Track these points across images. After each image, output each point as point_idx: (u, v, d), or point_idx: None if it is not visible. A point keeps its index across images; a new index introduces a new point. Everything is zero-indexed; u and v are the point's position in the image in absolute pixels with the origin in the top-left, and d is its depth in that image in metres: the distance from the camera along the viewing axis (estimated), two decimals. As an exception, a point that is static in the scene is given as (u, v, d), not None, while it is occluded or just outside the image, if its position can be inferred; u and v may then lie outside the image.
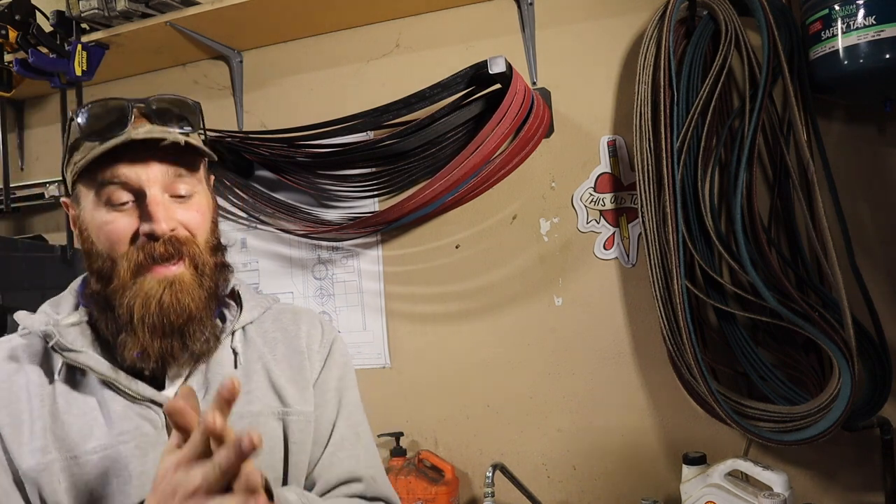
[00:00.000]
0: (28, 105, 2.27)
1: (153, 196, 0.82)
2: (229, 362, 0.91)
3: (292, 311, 1.02)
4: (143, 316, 0.80)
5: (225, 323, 0.93)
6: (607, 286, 1.69)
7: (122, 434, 0.81)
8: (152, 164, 0.83)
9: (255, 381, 0.91)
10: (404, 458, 1.76)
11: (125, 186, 0.82)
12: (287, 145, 1.75)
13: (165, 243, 0.82)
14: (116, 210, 0.83)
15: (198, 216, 0.87)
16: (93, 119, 0.84)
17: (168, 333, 0.82)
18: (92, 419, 0.82)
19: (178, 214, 0.84)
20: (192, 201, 0.87)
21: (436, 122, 1.59)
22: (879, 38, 1.30)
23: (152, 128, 0.84)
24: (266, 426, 0.88)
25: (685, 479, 1.48)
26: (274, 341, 0.97)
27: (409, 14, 1.86)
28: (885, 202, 1.49)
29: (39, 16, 1.81)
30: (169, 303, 0.81)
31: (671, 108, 1.47)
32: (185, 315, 0.82)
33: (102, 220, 0.83)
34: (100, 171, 0.82)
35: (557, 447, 1.72)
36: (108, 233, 0.83)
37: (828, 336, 1.34)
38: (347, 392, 1.01)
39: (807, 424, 1.36)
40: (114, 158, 0.81)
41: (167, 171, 0.84)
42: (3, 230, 2.26)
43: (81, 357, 0.82)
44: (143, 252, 0.81)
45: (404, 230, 1.85)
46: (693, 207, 1.48)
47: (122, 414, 0.82)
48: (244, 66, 2.02)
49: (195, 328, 0.84)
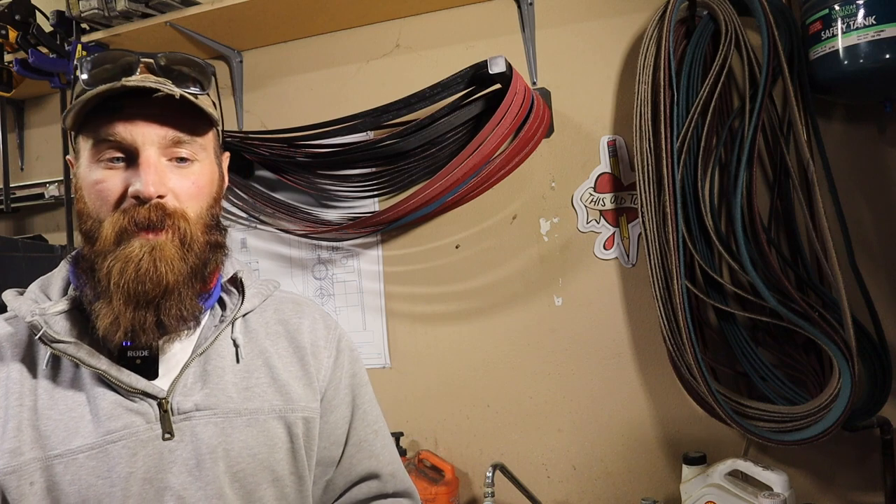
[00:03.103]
0: (28, 105, 2.27)
1: (146, 157, 0.78)
2: (230, 355, 0.87)
3: (293, 301, 0.99)
4: (118, 281, 0.76)
5: (225, 311, 0.89)
6: (607, 286, 1.69)
7: (111, 433, 0.77)
8: (150, 123, 0.78)
9: (256, 376, 0.88)
10: (404, 458, 1.76)
11: (119, 145, 0.78)
12: (287, 145, 1.75)
13: (150, 209, 0.77)
14: (109, 168, 0.79)
15: (193, 187, 0.82)
16: (96, 66, 0.79)
17: (142, 304, 0.77)
18: (78, 416, 0.78)
19: (170, 181, 0.79)
20: (191, 169, 0.82)
21: (436, 122, 1.59)
22: (879, 38, 1.30)
23: (147, 76, 0.79)
24: (266, 424, 0.85)
25: (685, 479, 1.48)
26: (276, 335, 0.93)
27: (409, 14, 1.86)
28: (885, 202, 1.49)
29: (39, 16, 1.82)
30: (146, 269, 0.76)
31: (671, 108, 1.47)
32: (162, 286, 0.77)
33: (94, 179, 0.79)
34: (98, 127, 0.78)
35: (557, 447, 1.72)
36: (97, 192, 0.79)
37: (828, 336, 1.34)
38: (361, 389, 1.00)
39: (807, 424, 1.36)
40: (111, 113, 0.77)
41: (166, 132, 0.79)
42: (3, 230, 2.26)
43: (70, 349, 0.78)
44: (128, 216, 0.77)
45: (404, 230, 1.85)
46: (693, 207, 1.48)
47: (111, 410, 0.78)
48: (244, 66, 2.02)
49: (171, 303, 0.78)
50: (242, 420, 0.84)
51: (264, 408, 0.86)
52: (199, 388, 0.83)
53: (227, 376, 0.86)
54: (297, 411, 0.89)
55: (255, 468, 0.84)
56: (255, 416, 0.85)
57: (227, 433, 0.82)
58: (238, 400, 0.85)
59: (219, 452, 0.81)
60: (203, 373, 0.84)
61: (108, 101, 0.78)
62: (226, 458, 0.82)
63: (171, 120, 0.80)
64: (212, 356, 0.86)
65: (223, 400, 0.84)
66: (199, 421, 0.81)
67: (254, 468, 0.84)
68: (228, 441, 0.82)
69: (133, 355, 0.81)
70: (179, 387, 0.82)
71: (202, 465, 0.80)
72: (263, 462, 0.85)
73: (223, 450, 0.82)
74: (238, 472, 0.82)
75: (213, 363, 0.85)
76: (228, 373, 0.86)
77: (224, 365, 0.86)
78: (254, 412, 0.85)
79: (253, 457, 0.84)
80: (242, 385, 0.86)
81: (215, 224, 0.86)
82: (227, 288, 0.92)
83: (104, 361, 0.79)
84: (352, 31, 1.92)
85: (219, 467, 0.81)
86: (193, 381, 0.83)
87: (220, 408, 0.83)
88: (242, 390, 0.86)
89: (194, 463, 0.80)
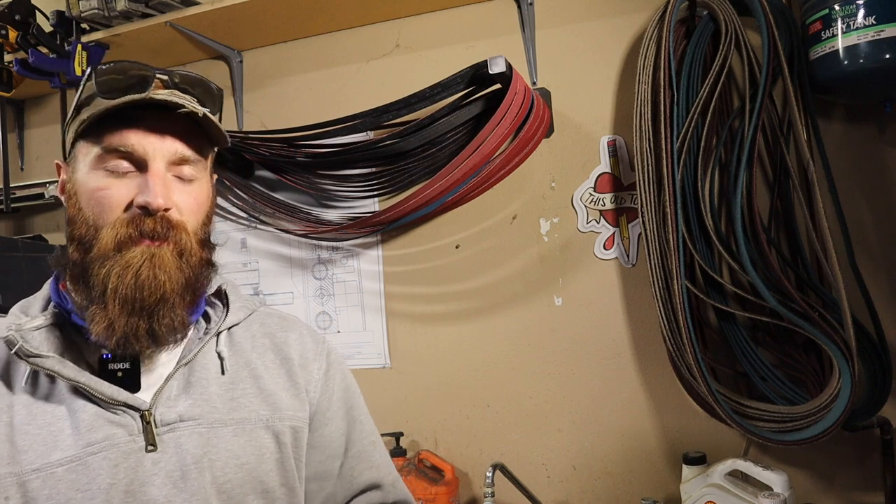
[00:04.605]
0: (28, 105, 2.27)
1: (156, 169, 0.79)
2: (214, 367, 0.87)
3: (279, 316, 0.99)
4: (116, 287, 0.76)
5: (210, 323, 0.90)
6: (607, 286, 1.69)
7: (91, 445, 0.76)
8: (163, 137, 0.79)
9: (241, 388, 0.87)
10: (404, 458, 1.76)
11: (129, 156, 0.78)
12: (287, 145, 1.75)
13: (156, 220, 0.78)
14: (113, 177, 0.79)
15: (194, 204, 0.83)
16: (113, 76, 0.80)
17: (137, 311, 0.77)
18: (57, 430, 0.76)
19: (175, 195, 0.81)
20: (193, 186, 0.83)
21: (436, 122, 1.59)
22: (879, 38, 1.30)
23: (173, 91, 0.81)
24: (253, 433, 0.84)
25: (685, 479, 1.48)
26: (263, 347, 0.93)
27: (409, 14, 1.86)
28: (885, 202, 1.49)
29: (39, 16, 1.81)
30: (145, 277, 0.77)
31: (671, 108, 1.47)
32: (159, 294, 0.78)
33: (96, 185, 0.79)
34: (107, 135, 0.79)
35: (557, 447, 1.72)
36: (99, 199, 0.78)
37: (828, 336, 1.34)
38: (355, 401, 1.00)
39: (807, 424, 1.36)
40: (125, 123, 0.78)
41: (176, 149, 0.81)
42: (3, 230, 2.26)
43: (47, 362, 0.77)
44: (131, 225, 0.77)
45: (404, 230, 1.85)
46: (693, 207, 1.48)
47: (92, 422, 0.77)
48: (244, 66, 2.02)
49: (165, 312, 0.79)
50: (229, 430, 0.83)
51: (251, 417, 0.85)
52: (182, 399, 0.82)
53: (212, 387, 0.85)
54: (285, 420, 0.88)
55: (243, 479, 0.82)
56: (241, 426, 0.84)
57: (212, 443, 0.81)
58: (223, 410, 0.84)
59: (204, 463, 0.80)
60: (187, 384, 0.84)
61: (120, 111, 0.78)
62: (211, 469, 0.80)
63: (181, 138, 0.81)
64: (196, 368, 0.85)
65: (208, 410, 0.83)
66: (183, 432, 0.80)
67: (241, 479, 0.82)
68: (214, 451, 0.81)
69: (114, 368, 0.80)
70: (163, 398, 0.81)
71: (187, 476, 0.79)
72: (251, 472, 0.83)
73: (209, 460, 0.80)
74: (225, 484, 0.81)
75: (198, 374, 0.85)
76: (213, 384, 0.85)
77: (208, 376, 0.85)
78: (240, 422, 0.84)
79: (240, 467, 0.82)
80: (228, 396, 0.85)
81: (208, 241, 0.87)
82: (212, 301, 0.93)
83: (84, 374, 0.78)
84: (352, 31, 1.92)
85: (205, 478, 0.79)
86: (177, 392, 0.82)
87: (204, 418, 0.82)
88: (228, 401, 0.85)
89: (179, 475, 0.78)
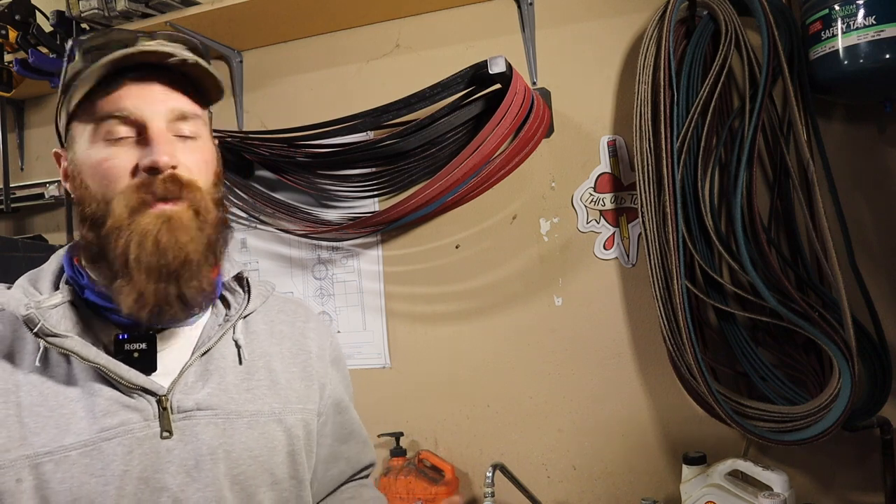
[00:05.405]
0: (28, 105, 2.27)
1: (156, 128, 0.77)
2: (231, 355, 0.86)
3: (294, 303, 1.00)
4: (138, 256, 0.74)
5: (230, 310, 0.89)
6: (607, 286, 1.69)
7: (106, 430, 0.75)
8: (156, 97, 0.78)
9: (256, 378, 0.87)
10: (404, 458, 1.76)
11: (126, 120, 0.77)
12: (287, 145, 1.75)
13: (165, 181, 0.75)
14: (115, 145, 0.77)
15: (201, 161, 0.81)
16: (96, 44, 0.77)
17: (164, 277, 0.75)
18: (70, 412, 0.75)
19: (180, 155, 0.78)
20: (196, 144, 0.81)
21: (436, 122, 1.59)
22: (879, 38, 1.30)
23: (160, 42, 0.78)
24: (266, 426, 0.85)
25: (685, 479, 1.48)
26: (281, 335, 0.93)
27: (409, 14, 1.86)
28: (885, 202, 1.49)
29: (39, 16, 1.82)
30: (166, 242, 0.75)
31: (671, 108, 1.47)
32: (182, 256, 0.76)
33: (99, 157, 0.77)
34: (99, 105, 0.77)
35: (557, 447, 1.72)
36: (104, 170, 0.76)
37: (828, 336, 1.34)
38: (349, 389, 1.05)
39: (807, 424, 1.36)
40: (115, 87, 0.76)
41: (173, 105, 0.79)
42: (3, 230, 2.26)
43: (67, 342, 0.75)
44: (141, 190, 0.75)
45: (404, 230, 1.85)
46: (693, 207, 1.48)
47: (108, 407, 0.76)
48: (244, 66, 2.02)
49: (191, 275, 0.77)
50: (244, 422, 0.83)
51: (264, 410, 0.86)
52: (200, 388, 0.82)
53: (229, 377, 0.85)
54: (297, 413, 0.89)
55: (256, 471, 0.83)
56: (255, 418, 0.84)
57: (228, 434, 0.82)
58: (239, 401, 0.84)
59: (219, 454, 0.80)
60: (205, 372, 0.83)
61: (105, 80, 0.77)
62: (227, 460, 0.81)
63: (174, 94, 0.79)
64: (214, 356, 0.85)
65: (225, 401, 0.83)
66: (199, 420, 0.80)
67: (254, 470, 0.83)
68: (230, 442, 0.82)
69: (130, 348, 0.78)
70: (180, 385, 0.81)
71: (201, 466, 0.79)
72: (264, 464, 0.84)
73: (224, 451, 0.81)
74: (239, 475, 0.82)
75: (216, 363, 0.84)
76: (230, 373, 0.85)
77: (226, 365, 0.85)
78: (254, 414, 0.85)
79: (254, 459, 0.83)
80: (244, 387, 0.86)
81: (221, 201, 0.85)
82: (231, 287, 0.92)
83: (103, 356, 0.76)
84: (352, 31, 1.92)
85: (219, 469, 0.80)
86: (195, 379, 0.82)
87: (221, 408, 0.82)
88: (244, 391, 0.85)
89: (193, 464, 0.79)
